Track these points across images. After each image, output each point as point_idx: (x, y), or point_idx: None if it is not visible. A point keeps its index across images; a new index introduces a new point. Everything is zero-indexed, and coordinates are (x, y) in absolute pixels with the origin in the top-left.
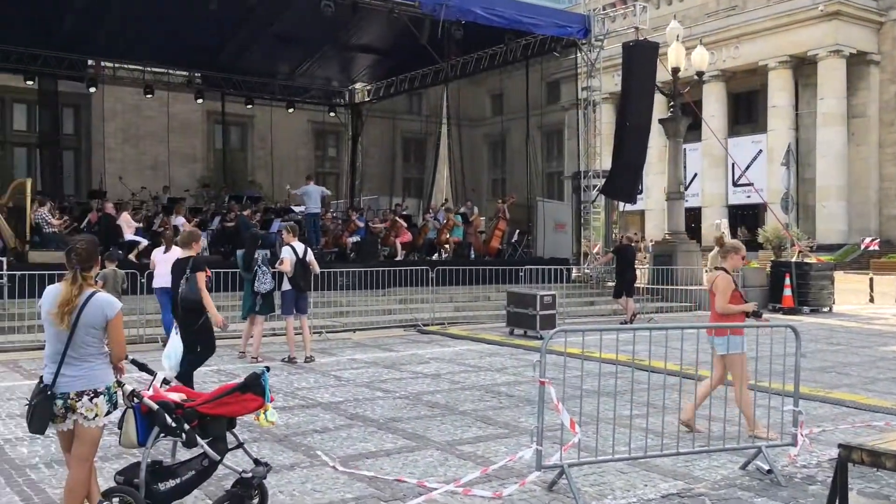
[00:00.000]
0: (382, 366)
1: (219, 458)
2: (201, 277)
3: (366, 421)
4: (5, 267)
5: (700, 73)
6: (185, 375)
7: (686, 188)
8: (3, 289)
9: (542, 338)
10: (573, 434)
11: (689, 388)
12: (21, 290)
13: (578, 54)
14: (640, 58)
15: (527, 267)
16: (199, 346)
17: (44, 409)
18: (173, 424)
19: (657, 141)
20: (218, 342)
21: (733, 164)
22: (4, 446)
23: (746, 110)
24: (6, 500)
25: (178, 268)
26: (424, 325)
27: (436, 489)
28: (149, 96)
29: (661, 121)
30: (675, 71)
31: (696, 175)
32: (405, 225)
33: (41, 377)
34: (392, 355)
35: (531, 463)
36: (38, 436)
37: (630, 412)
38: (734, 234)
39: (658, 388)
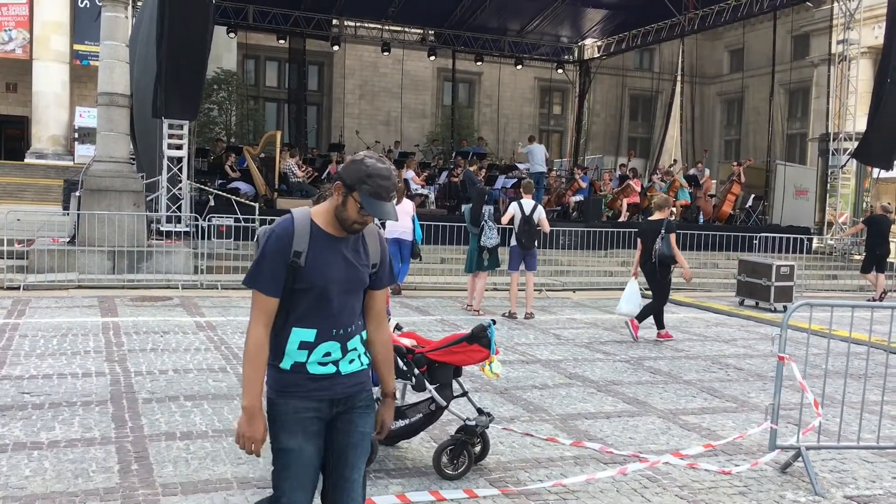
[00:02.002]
0: (602, 327)
1: (445, 403)
2: (674, 238)
3: (585, 381)
4: (257, 212)
5: None
6: (643, 316)
7: None
8: (255, 232)
9: (775, 310)
10: (815, 415)
11: None
12: None
13: (835, 4)
14: None
15: (761, 234)
16: (660, 294)
17: None
18: (404, 368)
19: None
20: (442, 293)
21: None
22: None
23: None
24: None
25: (653, 229)
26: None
27: (657, 459)
28: (385, 54)
29: None
30: None
31: None
32: (638, 189)
33: None
34: (612, 318)
35: (761, 441)
36: None
37: (881, 398)
38: None
39: None
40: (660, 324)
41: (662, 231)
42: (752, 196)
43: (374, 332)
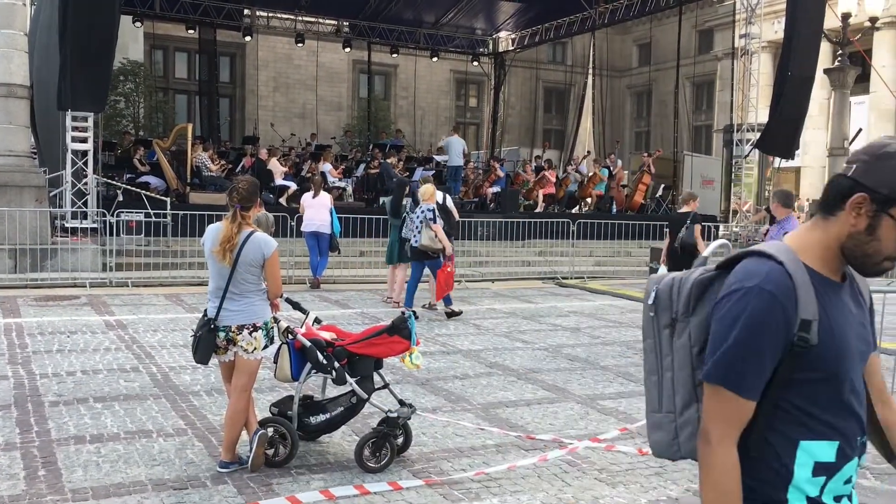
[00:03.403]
0: (521, 317)
1: (366, 396)
2: (698, 228)
3: (505, 370)
4: (168, 207)
5: (874, 20)
6: None
7: (850, 144)
8: (166, 227)
9: None
10: None
11: None
12: (183, 228)
13: (737, 0)
14: (807, 2)
15: None
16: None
17: (208, 341)
18: (324, 362)
19: (819, 93)
20: (362, 287)
21: None
22: (169, 374)
23: None
24: (172, 422)
25: (681, 220)
26: (563, 278)
27: (577, 444)
28: (299, 45)
29: (826, 71)
30: (846, 17)
31: (860, 130)
32: (553, 180)
33: (205, 311)
34: (530, 307)
35: None
36: (200, 365)
37: None
38: None
39: None
40: None
41: (688, 221)
42: (662, 186)
43: (888, 413)
